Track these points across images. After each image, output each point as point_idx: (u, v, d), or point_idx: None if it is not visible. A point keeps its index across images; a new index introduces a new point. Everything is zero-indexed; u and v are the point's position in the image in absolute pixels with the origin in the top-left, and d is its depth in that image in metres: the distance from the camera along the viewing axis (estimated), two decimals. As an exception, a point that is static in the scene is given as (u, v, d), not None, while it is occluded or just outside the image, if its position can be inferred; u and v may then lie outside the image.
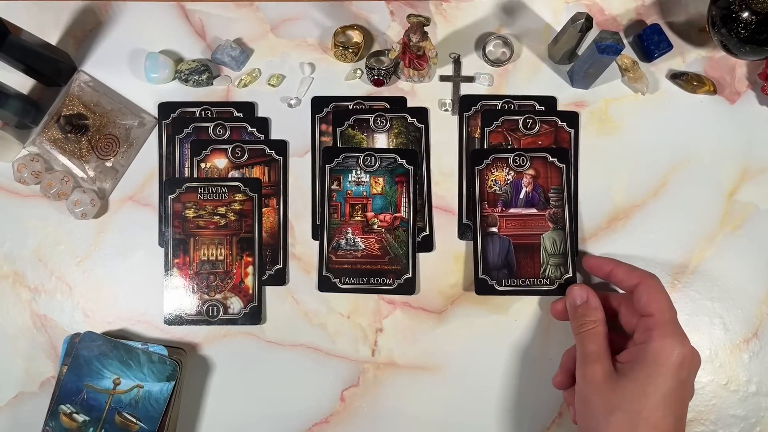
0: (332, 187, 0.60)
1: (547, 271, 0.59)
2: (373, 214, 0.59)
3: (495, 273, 0.59)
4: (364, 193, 0.60)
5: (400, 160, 0.60)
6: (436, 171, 0.61)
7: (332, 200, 0.60)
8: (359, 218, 0.59)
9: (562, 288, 0.58)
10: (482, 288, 0.59)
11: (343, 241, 0.59)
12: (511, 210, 0.59)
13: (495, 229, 0.59)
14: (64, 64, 0.60)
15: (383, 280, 0.59)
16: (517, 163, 0.60)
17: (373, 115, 0.61)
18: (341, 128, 0.61)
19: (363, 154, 0.60)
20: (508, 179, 0.60)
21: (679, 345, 0.49)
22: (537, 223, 0.59)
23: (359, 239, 0.59)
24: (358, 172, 0.60)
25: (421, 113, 0.61)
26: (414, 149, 0.60)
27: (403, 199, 0.60)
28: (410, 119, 0.61)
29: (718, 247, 0.60)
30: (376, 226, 0.59)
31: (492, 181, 0.60)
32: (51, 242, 0.60)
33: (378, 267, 0.59)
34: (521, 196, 0.59)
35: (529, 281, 0.59)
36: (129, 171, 0.61)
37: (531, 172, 0.60)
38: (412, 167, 0.60)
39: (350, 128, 0.61)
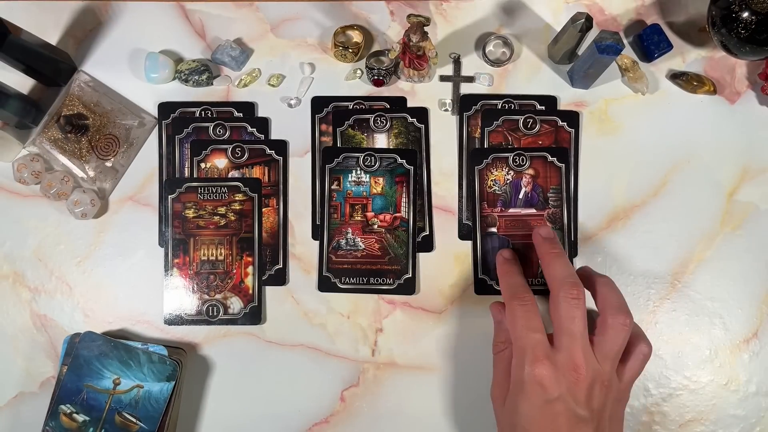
0: (332, 187, 0.60)
1: (545, 272, 0.59)
2: (373, 214, 0.59)
3: (494, 273, 0.59)
4: (364, 193, 0.60)
5: (400, 160, 0.60)
6: (436, 171, 0.61)
7: (332, 200, 0.60)
8: (359, 218, 0.59)
9: None
10: (481, 288, 0.59)
11: (343, 241, 0.59)
12: (510, 210, 0.59)
13: (494, 229, 0.59)
14: (64, 64, 0.60)
15: (383, 280, 0.59)
16: (516, 162, 0.60)
17: (373, 115, 0.61)
18: (341, 128, 0.61)
19: (363, 154, 0.60)
20: (508, 179, 0.60)
21: (538, 367, 0.46)
22: (536, 223, 0.59)
23: (359, 239, 0.59)
24: (358, 172, 0.60)
25: (421, 113, 0.61)
26: (414, 149, 0.60)
27: (403, 199, 0.60)
28: (410, 119, 0.61)
29: (718, 247, 0.60)
30: (376, 226, 0.59)
31: (492, 180, 0.60)
32: (51, 242, 0.60)
33: (378, 267, 0.59)
34: (520, 196, 0.59)
35: (528, 281, 0.58)
36: (129, 171, 0.61)
37: (530, 171, 0.60)
38: (412, 167, 0.60)
39: (350, 128, 0.61)
